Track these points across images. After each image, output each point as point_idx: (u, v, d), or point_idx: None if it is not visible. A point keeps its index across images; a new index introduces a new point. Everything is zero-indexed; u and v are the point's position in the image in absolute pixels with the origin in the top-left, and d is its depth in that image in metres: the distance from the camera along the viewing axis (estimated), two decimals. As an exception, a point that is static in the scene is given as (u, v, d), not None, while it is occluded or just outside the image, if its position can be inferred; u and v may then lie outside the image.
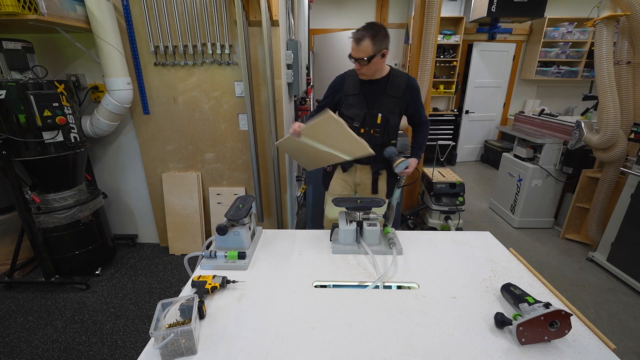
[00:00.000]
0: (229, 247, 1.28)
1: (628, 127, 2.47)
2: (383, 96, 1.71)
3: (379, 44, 1.55)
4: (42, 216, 2.23)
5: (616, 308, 2.19)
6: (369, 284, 1.12)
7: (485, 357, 0.84)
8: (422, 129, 1.88)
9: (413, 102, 1.76)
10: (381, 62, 1.63)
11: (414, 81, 1.75)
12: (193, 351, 0.85)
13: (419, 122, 1.86)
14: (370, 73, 1.66)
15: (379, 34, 1.54)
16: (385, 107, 1.71)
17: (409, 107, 1.77)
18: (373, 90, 1.71)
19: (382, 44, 1.56)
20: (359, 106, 1.73)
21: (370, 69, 1.63)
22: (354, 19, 5.09)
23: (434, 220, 3.07)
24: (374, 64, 1.60)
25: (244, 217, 1.26)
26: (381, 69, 1.68)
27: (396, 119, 1.75)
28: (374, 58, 1.57)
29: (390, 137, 1.78)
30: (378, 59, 1.58)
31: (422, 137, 1.88)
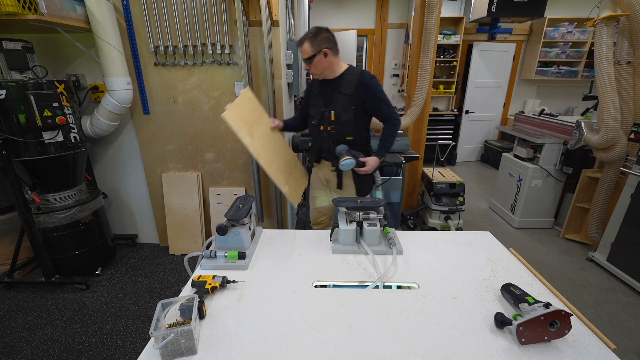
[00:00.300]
0: (229, 247, 1.28)
1: (628, 127, 2.47)
2: (337, 94, 1.80)
3: (317, 45, 1.69)
4: (42, 216, 2.24)
5: (616, 308, 2.19)
6: (369, 284, 1.12)
7: (485, 357, 0.84)
8: (387, 126, 1.85)
9: (368, 98, 1.77)
10: (326, 61, 1.74)
11: (367, 77, 1.76)
12: (193, 351, 0.85)
13: (383, 119, 1.84)
14: (318, 72, 1.79)
15: (318, 36, 1.70)
16: (339, 105, 1.80)
17: (366, 103, 1.78)
18: (329, 89, 1.82)
19: (321, 45, 1.69)
20: (318, 105, 1.87)
21: (317, 68, 1.76)
22: (354, 19, 5.10)
23: (434, 220, 3.07)
24: (317, 63, 1.73)
25: (244, 217, 1.26)
26: (330, 67, 1.77)
27: (349, 115, 1.79)
28: (314, 58, 1.72)
29: (344, 134, 1.83)
30: (320, 58, 1.72)
31: (387, 135, 1.86)
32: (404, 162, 2.55)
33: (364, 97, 1.77)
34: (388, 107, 1.81)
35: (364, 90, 1.76)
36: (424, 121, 3.06)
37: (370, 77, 1.78)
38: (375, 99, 1.78)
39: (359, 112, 1.80)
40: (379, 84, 1.80)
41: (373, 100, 1.78)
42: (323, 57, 1.72)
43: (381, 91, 1.80)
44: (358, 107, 1.79)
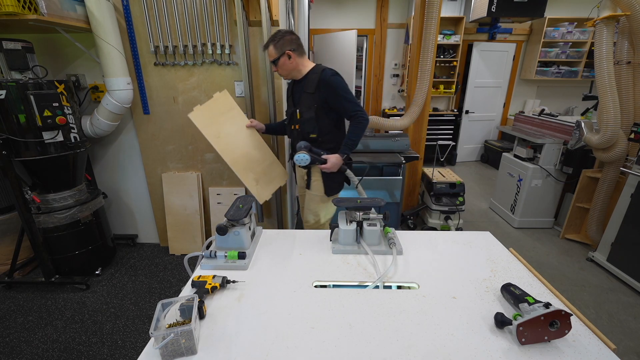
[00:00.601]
0: (229, 247, 1.28)
1: (628, 127, 2.47)
2: (302, 94, 1.85)
3: (280, 47, 1.76)
4: (42, 216, 2.24)
5: (616, 308, 2.19)
6: (369, 284, 1.12)
7: (485, 357, 0.84)
8: (352, 124, 1.83)
9: (331, 96, 1.78)
10: (290, 63, 1.80)
11: (327, 75, 1.77)
12: (193, 351, 0.85)
13: (348, 117, 1.84)
14: (284, 74, 1.86)
15: (282, 39, 1.76)
16: (303, 104, 1.85)
17: (329, 101, 1.80)
18: (298, 89, 1.89)
19: (284, 47, 1.76)
20: (289, 105, 1.96)
21: (282, 70, 1.83)
22: (354, 19, 5.10)
23: (434, 220, 3.07)
24: (282, 65, 1.80)
25: (244, 217, 1.26)
26: (296, 69, 1.83)
27: (311, 113, 1.83)
28: (279, 60, 1.79)
29: (307, 131, 1.87)
30: (284, 60, 1.79)
31: (351, 133, 1.84)
32: (404, 162, 2.55)
33: (326, 95, 1.79)
34: (352, 105, 1.80)
35: (325, 88, 1.78)
36: (424, 121, 3.06)
37: (331, 74, 1.78)
38: (338, 96, 1.78)
39: (322, 110, 1.83)
40: (341, 81, 1.80)
41: (335, 98, 1.79)
42: (287, 59, 1.78)
43: (343, 88, 1.79)
44: (320, 105, 1.81)
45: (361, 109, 1.81)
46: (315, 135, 1.87)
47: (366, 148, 2.75)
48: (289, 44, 1.77)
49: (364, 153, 2.73)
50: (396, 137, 2.75)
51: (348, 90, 1.80)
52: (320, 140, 1.88)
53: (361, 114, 1.79)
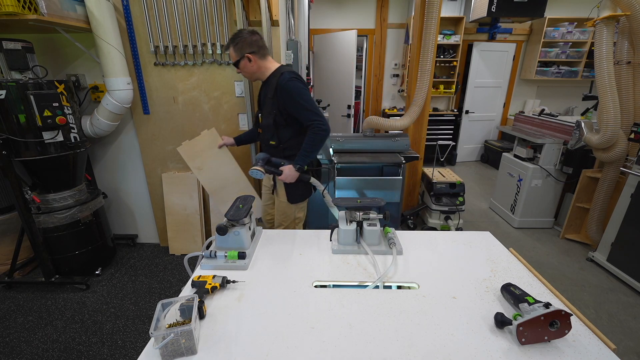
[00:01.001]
0: (229, 247, 1.28)
1: (628, 127, 2.47)
2: (265, 98, 1.80)
3: (239, 50, 1.70)
4: (42, 216, 2.24)
5: (616, 308, 2.19)
6: (369, 284, 1.12)
7: (485, 357, 0.84)
8: (309, 134, 1.69)
9: (288, 102, 1.68)
10: (251, 65, 1.73)
11: (284, 80, 1.66)
12: (193, 351, 0.85)
13: (305, 126, 1.70)
14: (247, 76, 1.81)
15: (240, 41, 1.69)
16: (265, 108, 1.79)
17: (288, 108, 1.70)
18: (264, 92, 1.84)
19: (243, 50, 1.69)
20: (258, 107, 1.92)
21: (245, 72, 1.78)
22: (354, 19, 5.10)
23: (434, 220, 3.07)
24: (243, 67, 1.75)
25: (244, 217, 1.26)
26: (259, 71, 1.77)
27: (269, 120, 1.75)
28: (239, 63, 1.73)
29: (267, 138, 1.83)
30: (245, 62, 1.72)
31: (306, 143, 1.70)
32: (404, 162, 2.55)
33: (283, 101, 1.68)
34: (309, 113, 1.67)
35: (282, 94, 1.67)
36: (424, 121, 3.06)
37: (289, 79, 1.66)
38: (295, 103, 1.67)
39: (281, 117, 1.73)
40: (299, 87, 1.67)
41: (292, 105, 1.68)
42: (247, 62, 1.71)
43: (301, 94, 1.67)
44: (280, 112, 1.72)
45: (319, 118, 1.67)
46: (274, 142, 1.80)
47: (366, 148, 2.76)
48: (248, 46, 1.68)
49: (364, 153, 2.73)
50: (396, 137, 2.75)
51: (306, 96, 1.68)
52: (282, 147, 1.80)
53: (318, 124, 1.66)
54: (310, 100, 1.69)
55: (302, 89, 1.69)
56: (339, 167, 2.51)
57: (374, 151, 2.76)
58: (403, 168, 2.58)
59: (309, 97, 1.70)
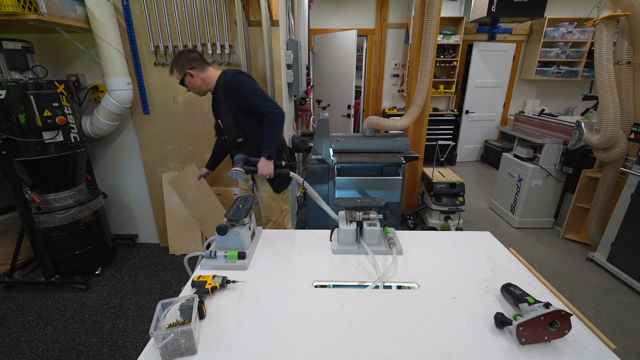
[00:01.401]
0: (229, 247, 1.28)
1: (628, 127, 2.47)
2: (219, 103, 1.87)
3: (181, 69, 1.78)
4: (42, 216, 2.24)
5: (616, 308, 2.19)
6: (369, 284, 1.12)
7: (485, 357, 0.84)
8: (265, 122, 1.77)
9: (240, 97, 1.77)
10: (195, 81, 1.81)
11: (229, 77, 1.77)
12: (193, 351, 0.85)
13: (261, 115, 1.77)
14: (195, 91, 1.87)
15: (180, 60, 1.78)
16: (220, 113, 1.88)
17: (240, 103, 1.78)
18: (215, 100, 1.90)
19: (184, 67, 1.78)
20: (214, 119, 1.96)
21: (192, 88, 1.85)
22: (354, 19, 5.10)
23: (434, 220, 3.07)
24: (189, 84, 1.83)
25: (244, 217, 1.26)
26: (204, 83, 1.83)
27: (229, 119, 1.84)
28: (184, 81, 1.82)
29: (233, 138, 1.88)
30: (189, 79, 1.80)
31: (267, 131, 1.78)
32: (404, 162, 2.55)
33: (235, 97, 1.78)
34: (261, 101, 1.75)
35: (230, 90, 1.77)
36: (424, 121, 3.06)
37: (232, 75, 1.77)
38: (244, 95, 1.76)
39: (240, 114, 1.81)
40: (245, 80, 1.78)
41: (243, 98, 1.77)
42: (191, 78, 1.80)
43: (249, 85, 1.76)
44: (236, 109, 1.81)
45: (270, 103, 1.76)
46: (241, 139, 1.87)
47: (366, 148, 2.75)
48: (187, 63, 1.78)
49: (364, 153, 2.73)
50: (396, 137, 2.75)
51: (254, 86, 1.78)
52: (251, 143, 1.87)
53: (271, 109, 1.74)
54: (257, 89, 1.79)
55: (247, 81, 1.79)
56: (339, 167, 2.51)
57: (374, 151, 2.76)
58: (403, 168, 2.58)
59: (256, 86, 1.81)
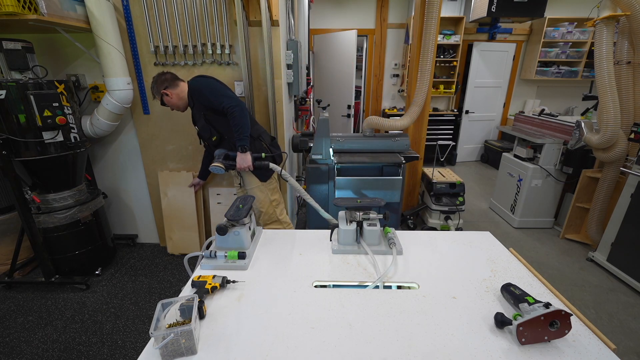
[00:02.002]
0: (229, 247, 1.28)
1: (628, 127, 2.47)
2: (193, 111, 2.00)
3: (157, 92, 1.92)
4: (42, 216, 2.23)
5: (616, 308, 2.19)
6: (369, 284, 1.12)
7: (485, 357, 0.84)
8: (229, 118, 1.84)
9: (202, 99, 1.87)
10: (171, 99, 1.93)
11: (191, 83, 1.90)
12: (193, 351, 0.85)
13: (224, 112, 1.84)
14: (176, 107, 1.99)
15: (155, 84, 1.92)
16: (195, 119, 2.03)
17: (205, 105, 1.89)
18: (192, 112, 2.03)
19: (159, 89, 1.91)
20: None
21: (172, 105, 1.97)
22: (354, 19, 5.10)
23: (434, 220, 3.07)
24: (168, 103, 1.96)
25: (244, 217, 1.26)
26: (179, 100, 1.95)
27: (201, 121, 1.96)
28: (163, 101, 1.95)
29: (208, 137, 1.99)
30: (166, 99, 1.94)
31: (233, 127, 1.85)
32: (404, 162, 2.55)
33: (199, 100, 1.89)
34: (219, 98, 1.83)
35: (194, 94, 1.89)
36: (424, 121, 3.06)
37: (193, 80, 1.90)
38: (204, 96, 1.86)
39: (209, 114, 1.92)
40: (202, 81, 1.89)
41: (204, 99, 1.87)
42: (167, 97, 1.93)
43: (207, 85, 1.86)
44: (205, 111, 1.92)
45: (228, 99, 1.82)
46: (215, 137, 1.97)
47: (366, 148, 2.76)
48: (161, 84, 1.90)
49: (364, 153, 2.73)
50: (396, 137, 2.75)
51: (212, 85, 1.87)
52: (227, 139, 1.97)
53: (229, 105, 1.81)
54: (215, 87, 1.87)
55: (205, 82, 1.89)
56: (339, 167, 2.51)
57: (374, 151, 2.76)
58: (403, 168, 2.58)
59: (214, 84, 1.88)
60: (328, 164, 2.53)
